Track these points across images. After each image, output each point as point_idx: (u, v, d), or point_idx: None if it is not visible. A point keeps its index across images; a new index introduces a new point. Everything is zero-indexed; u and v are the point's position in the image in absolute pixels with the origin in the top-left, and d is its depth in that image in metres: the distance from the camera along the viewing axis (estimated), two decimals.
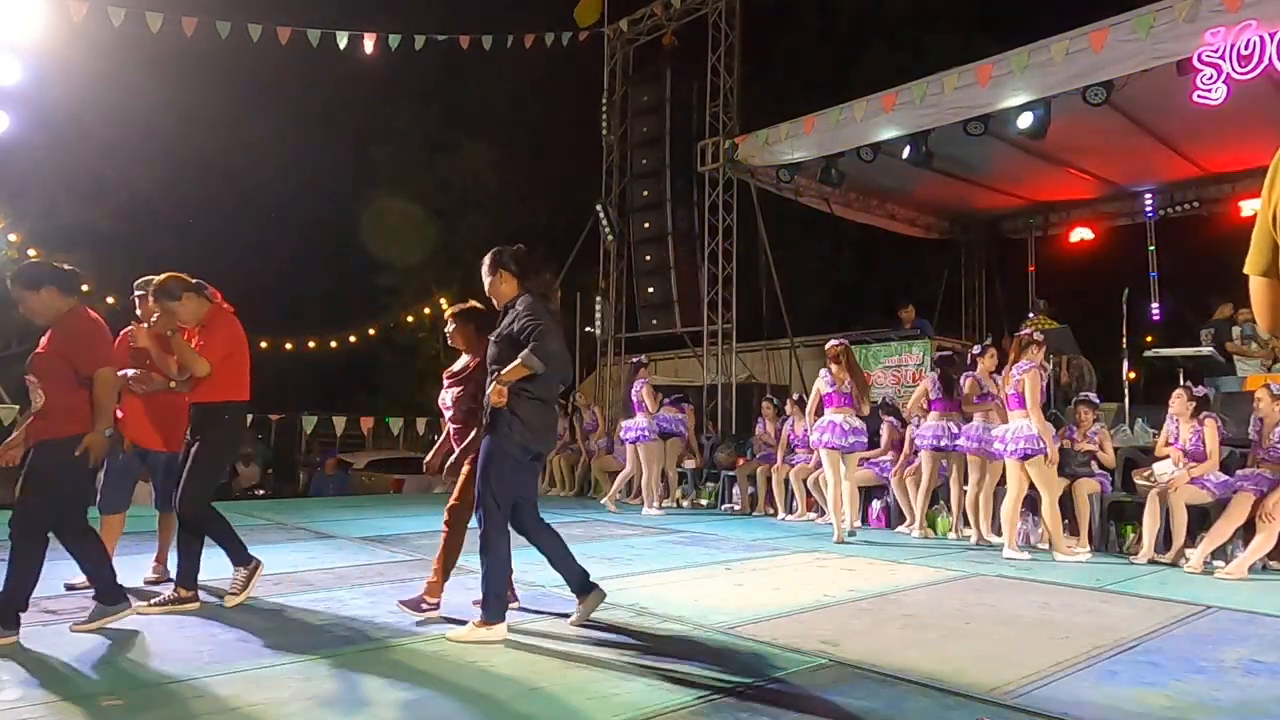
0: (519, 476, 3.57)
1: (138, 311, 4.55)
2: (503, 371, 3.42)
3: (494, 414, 3.47)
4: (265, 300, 20.87)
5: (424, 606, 3.76)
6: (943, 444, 6.72)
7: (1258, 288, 1.66)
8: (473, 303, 4.15)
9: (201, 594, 3.97)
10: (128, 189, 19.77)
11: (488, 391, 3.47)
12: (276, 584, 4.44)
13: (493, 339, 3.61)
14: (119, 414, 4.44)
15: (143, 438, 4.46)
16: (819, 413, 6.81)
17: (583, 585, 3.72)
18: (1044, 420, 5.81)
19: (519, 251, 3.72)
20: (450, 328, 4.08)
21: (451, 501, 3.92)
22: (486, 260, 3.72)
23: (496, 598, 3.49)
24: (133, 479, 4.67)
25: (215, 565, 4.04)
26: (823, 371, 6.89)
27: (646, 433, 8.42)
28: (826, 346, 7.02)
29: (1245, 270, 1.67)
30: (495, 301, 3.74)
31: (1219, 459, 5.77)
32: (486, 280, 3.72)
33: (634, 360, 9.18)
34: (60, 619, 3.66)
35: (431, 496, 11.12)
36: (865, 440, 6.80)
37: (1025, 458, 5.76)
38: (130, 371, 4.40)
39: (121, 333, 4.65)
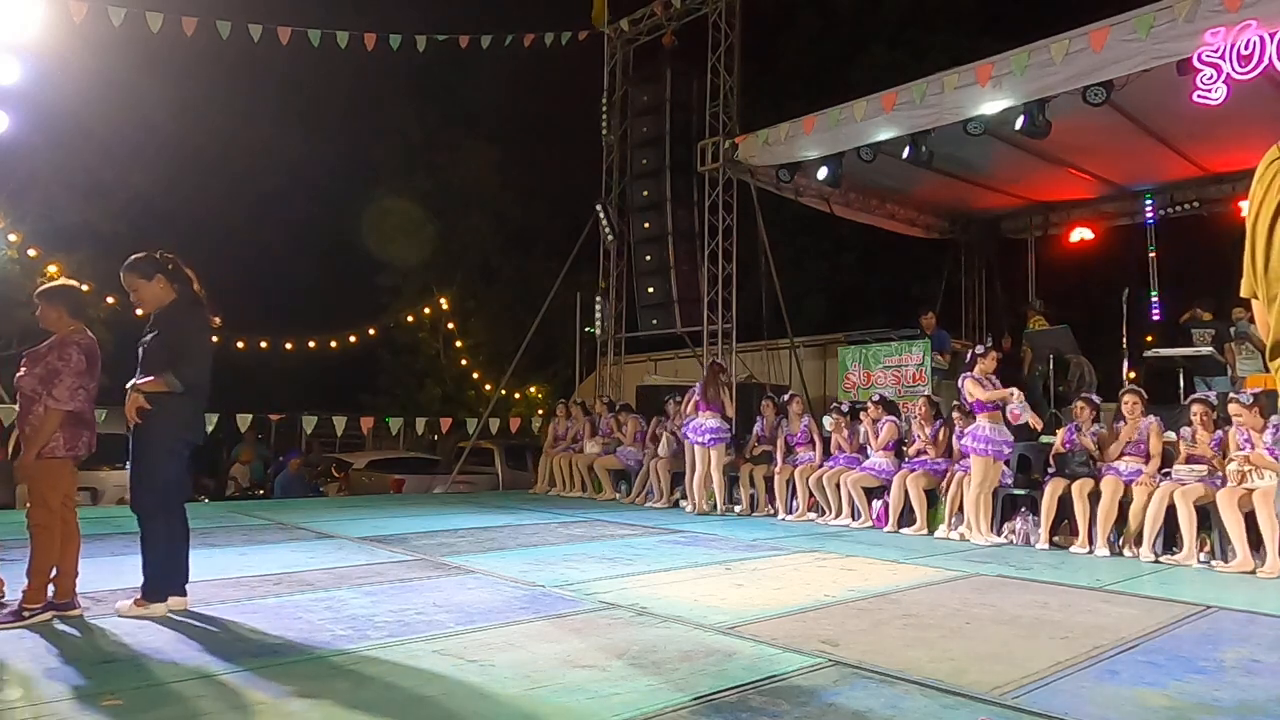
0: (175, 465, 3.75)
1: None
2: (140, 381, 3.64)
3: (145, 412, 3.64)
4: (265, 300, 20.88)
5: (25, 614, 3.58)
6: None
7: (1254, 308, 1.70)
8: (65, 280, 4.02)
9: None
10: (128, 189, 19.69)
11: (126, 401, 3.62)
12: (277, 584, 4.44)
13: (144, 343, 3.74)
14: None
15: None
16: (695, 413, 8.59)
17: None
18: None
19: (169, 258, 3.82)
20: (38, 309, 3.86)
21: (29, 507, 3.77)
22: (139, 264, 3.76)
23: (155, 578, 3.70)
24: None
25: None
26: (697, 385, 8.69)
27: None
28: (709, 364, 9.05)
29: (1241, 294, 1.70)
30: (143, 307, 3.82)
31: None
32: (137, 285, 3.75)
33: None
34: (59, 619, 3.66)
35: (431, 497, 11.13)
36: (724, 436, 8.50)
37: None
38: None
39: None
